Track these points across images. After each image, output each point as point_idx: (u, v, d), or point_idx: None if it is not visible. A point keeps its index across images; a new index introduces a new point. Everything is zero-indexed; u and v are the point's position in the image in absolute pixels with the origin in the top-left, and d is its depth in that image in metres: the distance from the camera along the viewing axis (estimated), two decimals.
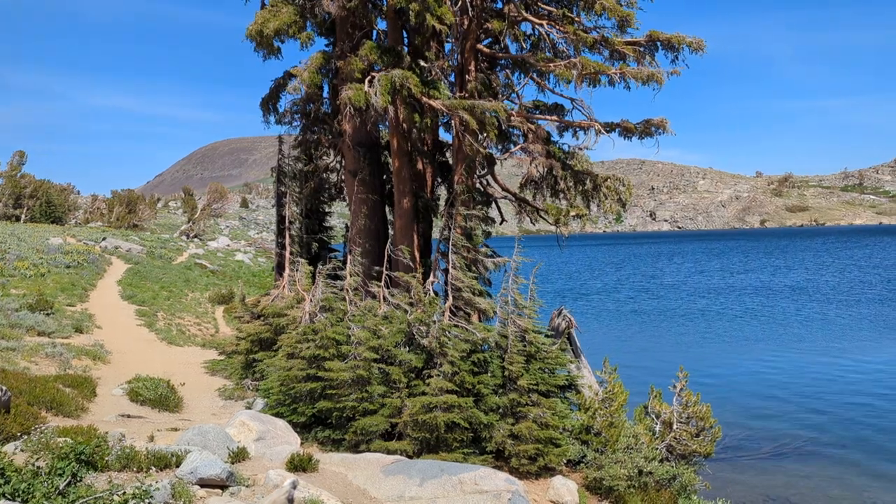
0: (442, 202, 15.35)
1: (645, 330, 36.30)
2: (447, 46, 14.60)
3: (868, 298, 47.01)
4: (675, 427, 12.57)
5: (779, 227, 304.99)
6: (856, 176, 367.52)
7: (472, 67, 13.19)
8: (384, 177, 17.04)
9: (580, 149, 14.60)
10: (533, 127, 14.32)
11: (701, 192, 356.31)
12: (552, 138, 14.90)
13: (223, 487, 7.84)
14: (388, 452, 10.95)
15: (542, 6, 12.63)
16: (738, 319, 39.51)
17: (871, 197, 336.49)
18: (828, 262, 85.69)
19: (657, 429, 12.87)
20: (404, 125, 12.99)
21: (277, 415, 12.22)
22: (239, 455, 9.35)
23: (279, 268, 18.71)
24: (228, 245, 69.77)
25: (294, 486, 7.53)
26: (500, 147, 15.77)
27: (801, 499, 13.54)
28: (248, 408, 13.60)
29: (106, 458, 7.81)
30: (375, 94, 11.47)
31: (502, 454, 11.59)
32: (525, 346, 12.12)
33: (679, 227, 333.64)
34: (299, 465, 9.19)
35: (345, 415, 11.73)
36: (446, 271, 12.83)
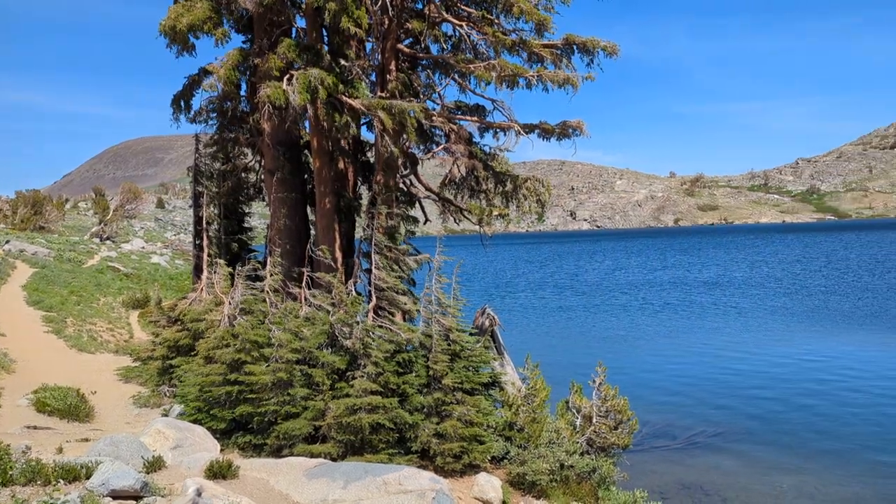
0: (365, 202, 15.26)
1: (569, 326, 37.14)
2: (368, 46, 14.53)
3: (777, 293, 49.57)
4: (594, 421, 12.92)
5: (691, 226, 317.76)
6: (761, 176, 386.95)
7: (392, 67, 13.17)
8: (305, 176, 16.79)
9: (501, 150, 14.81)
10: (455, 127, 14.42)
11: (618, 192, 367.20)
12: (474, 139, 15.05)
13: (137, 498, 7.54)
14: (312, 456, 10.81)
15: (463, 8, 12.74)
16: (659, 314, 40.96)
17: (776, 196, 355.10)
18: (738, 259, 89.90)
19: (578, 423, 13.19)
20: (324, 124, 12.84)
21: (196, 421, 11.87)
22: (154, 464, 9.02)
23: (197, 270, 18.17)
24: (143, 247, 67.23)
25: (198, 493, 7.33)
26: (422, 147, 15.81)
27: (713, 486, 14.14)
28: (165, 415, 13.16)
29: (10, 473, 7.40)
30: (294, 93, 11.29)
31: (427, 453, 11.63)
32: (449, 345, 12.20)
33: (598, 226, 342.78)
34: (218, 472, 8.96)
35: (266, 419, 11.51)
36: (369, 271, 12.76)
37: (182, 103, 16.26)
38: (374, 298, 12.58)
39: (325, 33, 14.17)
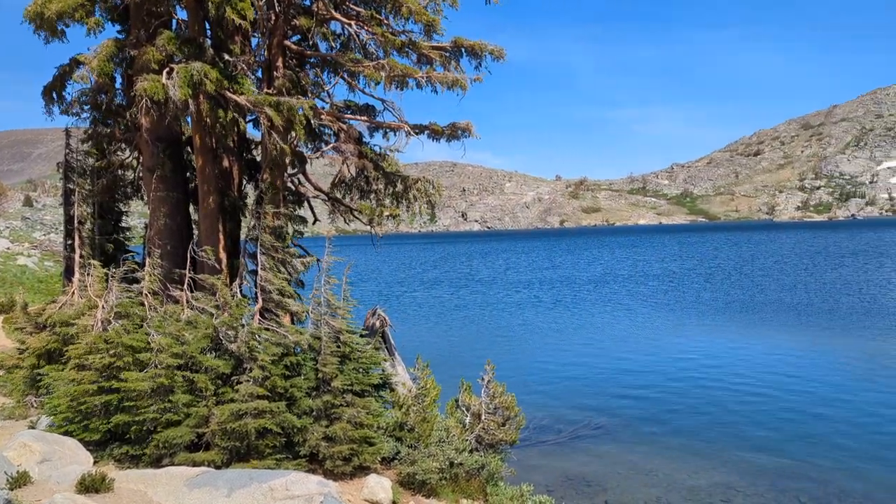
0: (251, 201, 14.84)
1: (463, 325, 37.64)
2: (254, 41, 14.14)
3: (657, 290, 52.28)
4: (483, 418, 13.15)
5: (576, 227, 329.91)
6: (640, 180, 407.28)
7: (279, 64, 12.88)
8: (188, 174, 16.13)
9: (391, 150, 14.81)
10: (345, 126, 14.29)
11: (508, 194, 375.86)
12: (364, 139, 14.97)
13: None
14: (195, 464, 10.41)
15: (352, 6, 12.64)
16: (549, 311, 42.28)
17: (653, 199, 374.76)
18: (621, 258, 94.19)
19: (467, 421, 13.38)
20: (208, 120, 12.37)
21: (67, 433, 11.14)
22: (19, 480, 8.41)
23: (68, 272, 17.04)
24: (9, 248, 62.27)
25: None
26: (311, 146, 15.55)
27: (595, 476, 14.77)
28: (32, 427, 12.26)
29: None
30: (174, 87, 10.82)
31: (317, 457, 11.46)
32: (339, 346, 12.06)
33: (488, 227, 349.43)
34: (91, 485, 8.46)
35: (145, 428, 10.96)
36: (255, 273, 12.42)
37: (54, 94, 15.19)
38: (260, 300, 12.26)
39: (207, 27, 13.66)
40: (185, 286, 12.77)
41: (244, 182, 15.55)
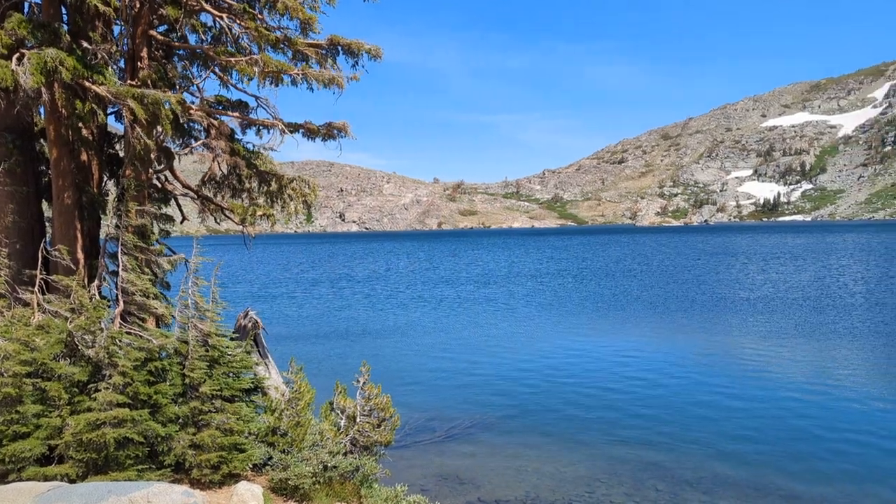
0: (112, 198, 13.98)
1: (342, 326, 37.22)
2: (117, 30, 13.34)
3: (535, 289, 54.03)
4: (358, 420, 13.10)
5: (453, 229, 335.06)
6: (514, 185, 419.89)
7: (144, 55, 12.23)
8: (41, 168, 14.96)
9: (265, 148, 14.43)
10: (215, 122, 13.77)
11: (386, 195, 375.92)
12: (236, 136, 14.49)
13: None
14: (46, 479, 9.69)
15: None
16: (432, 311, 42.66)
17: (526, 203, 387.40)
18: (499, 259, 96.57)
19: (342, 423, 13.27)
20: (64, 111, 11.54)
21: None
22: None
23: None
24: None
25: None
26: (179, 141, 14.88)
27: (468, 474, 15.09)
28: None
29: None
30: (25, 74, 10.01)
31: (183, 466, 10.97)
32: (208, 350, 11.61)
33: (367, 228, 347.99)
34: None
35: None
36: (116, 273, 11.72)
37: None
38: (121, 303, 11.58)
39: (64, 12, 12.75)
40: (37, 288, 11.86)
41: (105, 178, 14.63)
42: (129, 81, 12.31)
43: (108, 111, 13.37)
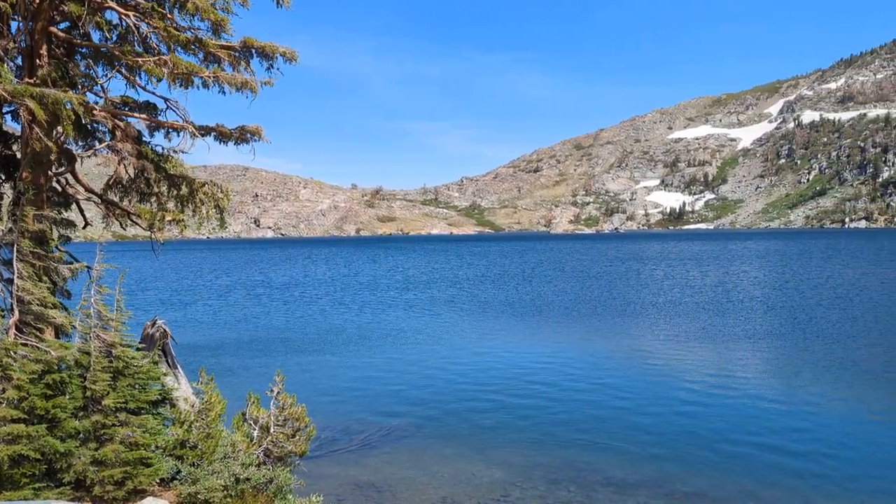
0: (7, 201, 13.20)
1: (258, 334, 36.33)
2: (14, 25, 12.61)
3: (457, 296, 54.31)
4: (272, 430, 12.83)
5: (372, 235, 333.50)
6: (432, 192, 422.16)
7: (44, 52, 11.62)
8: None
9: (175, 151, 13.95)
10: (122, 124, 13.22)
11: (303, 200, 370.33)
12: (144, 138, 13.95)
13: None
14: None
15: None
16: (354, 317, 42.19)
17: (444, 210, 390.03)
18: (419, 265, 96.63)
19: (255, 434, 12.97)
20: None
21: None
22: None
23: None
24: None
25: None
26: (82, 143, 14.19)
27: (385, 482, 15.02)
28: None
29: None
30: None
31: (84, 483, 10.45)
32: (112, 361, 11.11)
33: (283, 234, 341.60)
34: None
35: None
36: (11, 281, 11.07)
37: None
38: (16, 313, 10.94)
39: None
40: None
41: (0, 180, 13.79)
42: (27, 79, 11.67)
43: (4, 110, 12.64)
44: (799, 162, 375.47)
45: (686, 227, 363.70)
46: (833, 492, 14.09)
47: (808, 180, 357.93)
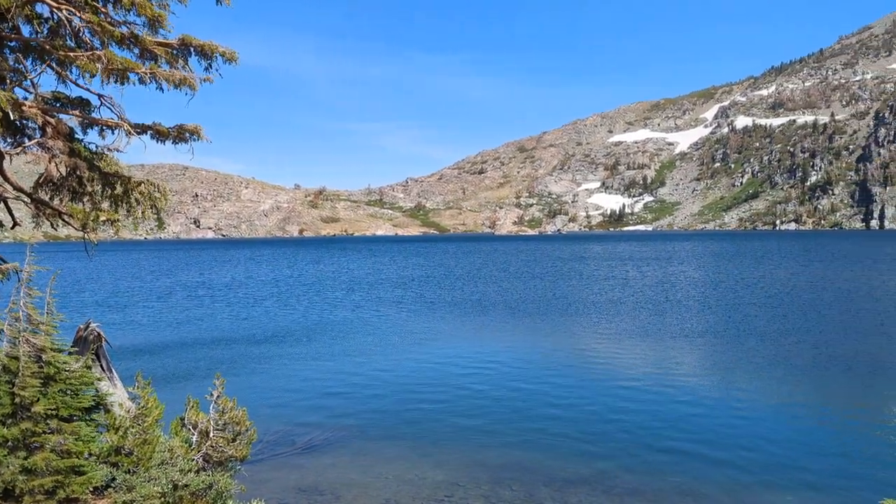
0: None
1: (199, 336, 35.49)
2: None
3: (405, 296, 54.12)
4: (211, 435, 12.59)
5: (316, 236, 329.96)
6: (377, 193, 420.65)
7: None
8: None
9: (110, 149, 13.52)
10: (53, 121, 12.75)
11: (244, 201, 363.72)
12: (77, 135, 13.49)
13: None
14: None
15: None
16: (297, 320, 41.52)
17: (389, 211, 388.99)
18: (364, 265, 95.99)
19: (194, 439, 12.70)
20: None
21: None
22: None
23: None
24: None
25: None
26: (10, 140, 13.63)
27: (328, 485, 14.90)
28: None
29: None
30: None
31: (13, 493, 10.04)
32: (42, 367, 10.70)
33: (224, 235, 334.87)
34: None
35: None
36: None
37: None
38: None
39: None
40: None
41: None
42: None
43: None
44: (733, 166, 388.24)
45: (626, 228, 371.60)
46: (765, 482, 14.63)
47: (741, 184, 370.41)
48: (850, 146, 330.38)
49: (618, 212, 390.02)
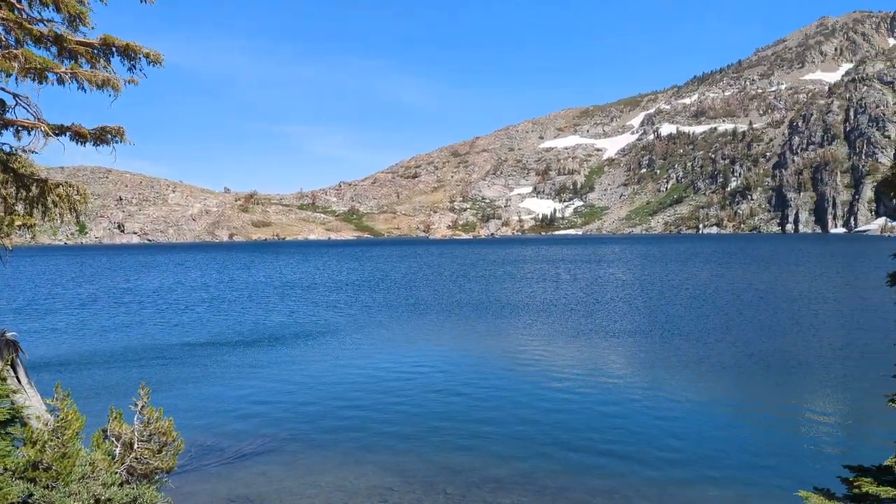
0: None
1: (124, 345, 34.22)
2: None
3: (342, 300, 53.49)
4: (136, 447, 12.18)
5: (246, 241, 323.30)
6: (309, 196, 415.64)
7: None
8: None
9: (26, 151, 12.94)
10: None
11: (172, 204, 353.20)
12: None
13: None
14: None
15: None
16: (229, 327, 40.47)
17: (322, 215, 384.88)
18: (298, 270, 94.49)
19: (118, 452, 12.27)
20: None
21: None
22: None
23: None
24: None
25: None
26: None
27: (259, 495, 14.63)
28: None
29: None
30: None
31: None
32: None
33: (150, 240, 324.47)
34: None
35: None
36: None
37: None
38: None
39: None
40: None
41: None
42: None
43: None
44: (658, 171, 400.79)
45: (557, 232, 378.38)
46: (689, 478, 15.17)
47: (666, 189, 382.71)
48: (767, 153, 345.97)
49: (549, 216, 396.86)
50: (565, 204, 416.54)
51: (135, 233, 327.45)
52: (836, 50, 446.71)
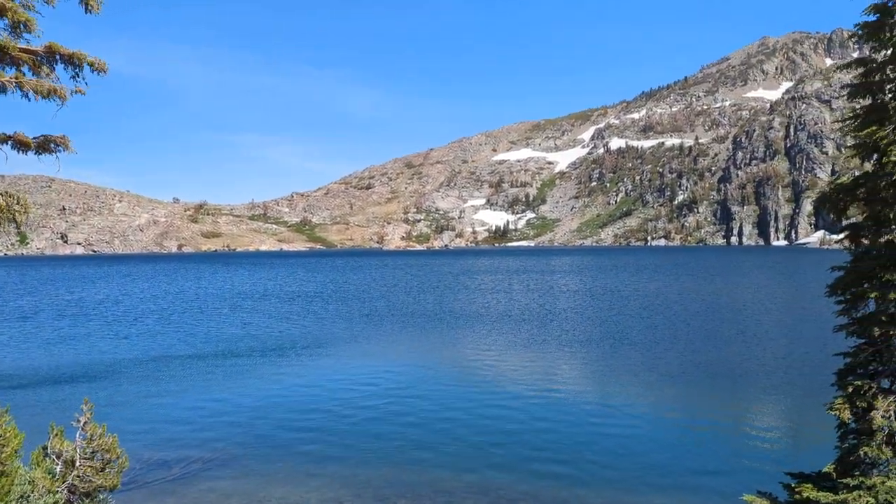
0: None
1: (67, 359, 33.14)
2: None
3: (294, 311, 52.74)
4: (78, 464, 11.84)
5: (196, 252, 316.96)
6: (261, 207, 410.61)
7: None
8: None
9: None
10: None
11: (118, 215, 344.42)
12: None
13: None
14: None
15: None
16: (178, 340, 39.52)
17: (274, 226, 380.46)
18: (249, 281, 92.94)
19: (59, 469, 11.90)
20: None
21: None
22: None
23: None
24: None
25: None
26: None
27: None
28: None
29: None
30: None
31: None
32: None
33: (95, 251, 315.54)
34: None
35: None
36: None
37: None
38: None
39: None
40: None
41: None
42: None
43: None
44: (608, 185, 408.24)
45: (510, 244, 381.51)
46: (637, 484, 15.45)
47: (616, 202, 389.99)
48: (713, 168, 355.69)
49: (502, 228, 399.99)
50: (518, 216, 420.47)
51: (79, 243, 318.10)
52: (776, 69, 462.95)
